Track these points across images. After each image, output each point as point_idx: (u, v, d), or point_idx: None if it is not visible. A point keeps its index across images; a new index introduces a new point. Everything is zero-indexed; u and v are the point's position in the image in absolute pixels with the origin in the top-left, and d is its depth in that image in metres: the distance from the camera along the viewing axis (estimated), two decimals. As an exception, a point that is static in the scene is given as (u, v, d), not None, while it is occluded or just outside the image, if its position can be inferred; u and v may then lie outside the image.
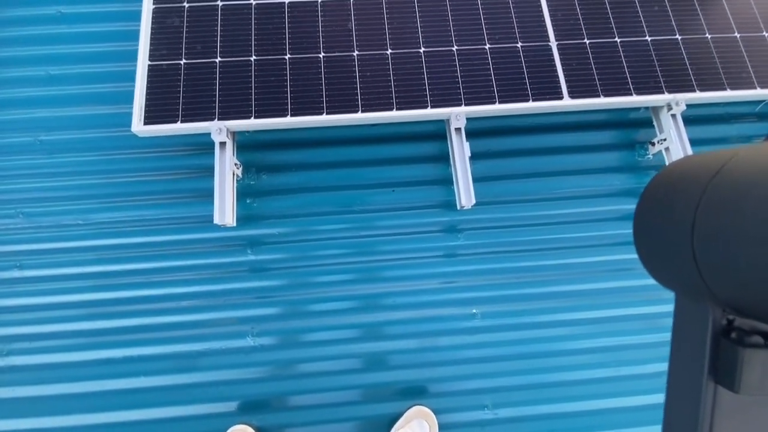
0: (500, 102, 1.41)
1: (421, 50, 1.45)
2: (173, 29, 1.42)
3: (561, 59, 1.47)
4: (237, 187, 1.45)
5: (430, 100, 1.40)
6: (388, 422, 1.40)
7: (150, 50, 1.39)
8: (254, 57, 1.41)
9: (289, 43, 1.43)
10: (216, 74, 1.39)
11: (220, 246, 1.48)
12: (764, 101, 1.60)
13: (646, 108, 1.57)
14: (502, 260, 1.51)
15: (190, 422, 1.38)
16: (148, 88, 1.36)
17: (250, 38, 1.43)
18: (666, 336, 1.47)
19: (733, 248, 0.30)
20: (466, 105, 1.40)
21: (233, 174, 1.38)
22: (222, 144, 1.35)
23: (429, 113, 1.40)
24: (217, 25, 1.44)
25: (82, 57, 1.60)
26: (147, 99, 1.35)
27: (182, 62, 1.39)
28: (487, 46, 1.47)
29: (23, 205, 1.48)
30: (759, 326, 0.34)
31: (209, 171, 1.48)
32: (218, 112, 1.35)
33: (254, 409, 1.39)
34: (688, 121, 1.48)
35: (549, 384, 1.44)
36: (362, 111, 1.37)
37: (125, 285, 1.44)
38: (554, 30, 1.50)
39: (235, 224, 1.36)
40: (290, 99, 1.37)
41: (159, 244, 1.47)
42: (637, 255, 0.45)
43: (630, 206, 1.58)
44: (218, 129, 1.32)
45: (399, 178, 1.55)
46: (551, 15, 1.52)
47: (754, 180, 0.30)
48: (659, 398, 1.46)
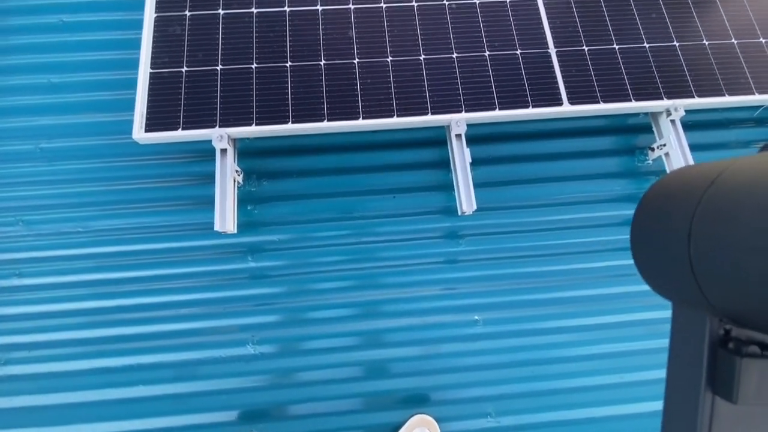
0: (500, 108, 1.41)
1: (421, 57, 1.46)
2: (175, 37, 1.43)
3: (560, 66, 1.48)
4: (238, 194, 1.45)
5: (431, 107, 1.41)
6: (390, 431, 1.38)
7: (151, 58, 1.40)
8: (255, 65, 1.42)
9: (290, 51, 1.44)
10: (217, 82, 1.39)
11: (221, 253, 1.48)
12: (762, 106, 1.61)
13: (645, 114, 1.58)
14: (504, 266, 1.51)
15: (190, 432, 1.36)
16: (150, 96, 1.36)
17: (252, 46, 1.44)
18: (667, 342, 1.46)
19: (730, 258, 0.31)
20: (467, 111, 1.41)
21: (234, 181, 1.38)
22: (223, 151, 1.35)
23: (429, 120, 1.40)
24: (219, 33, 1.45)
25: (84, 65, 1.60)
26: (148, 106, 1.35)
27: (183, 70, 1.40)
28: (487, 53, 1.48)
29: (23, 213, 1.48)
30: (756, 336, 0.34)
31: (209, 178, 1.48)
32: (219, 119, 1.35)
33: (255, 418, 1.38)
34: (687, 127, 1.49)
35: (552, 391, 1.43)
36: (363, 118, 1.38)
37: (125, 293, 1.43)
38: (553, 37, 1.51)
39: (236, 231, 1.36)
40: (291, 106, 1.38)
41: (159, 252, 1.47)
42: (635, 265, 0.45)
43: (630, 211, 1.57)
44: (219, 136, 1.33)
45: (400, 185, 1.55)
46: (550, 22, 1.53)
47: (749, 190, 0.30)
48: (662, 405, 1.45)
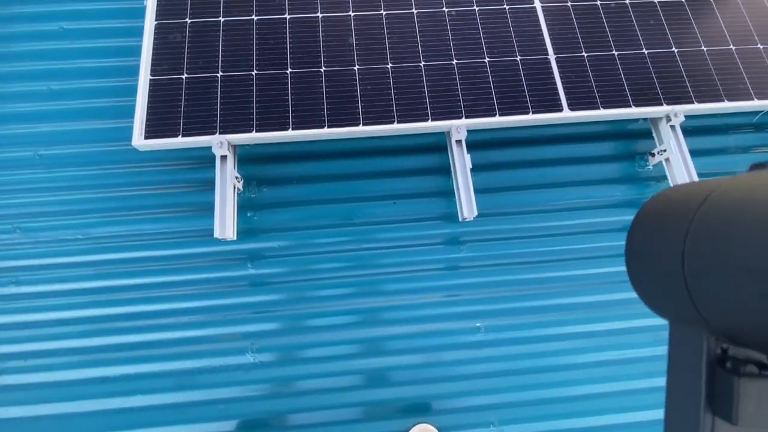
0: (500, 114, 1.42)
1: (421, 64, 1.47)
2: (175, 44, 1.43)
3: (560, 72, 1.48)
4: (238, 201, 1.45)
5: (431, 113, 1.41)
6: (392, 440, 1.36)
7: (152, 65, 1.40)
8: (256, 71, 1.42)
9: (291, 58, 1.44)
10: (217, 88, 1.39)
11: (220, 260, 1.47)
12: (761, 112, 1.62)
13: (645, 119, 1.58)
14: (506, 272, 1.50)
15: (188, 442, 1.34)
16: (150, 103, 1.36)
17: (252, 53, 1.44)
18: (672, 348, 1.45)
19: (724, 277, 0.30)
20: (467, 117, 1.41)
21: (234, 187, 1.37)
22: (223, 158, 1.34)
23: (430, 126, 1.40)
24: (219, 41, 1.45)
25: (84, 72, 1.60)
26: (148, 113, 1.35)
27: (184, 77, 1.40)
28: (487, 60, 1.49)
29: (21, 220, 1.47)
30: (753, 355, 0.34)
31: (209, 184, 1.47)
32: (219, 126, 1.35)
33: (255, 428, 1.36)
34: (687, 132, 1.49)
35: (556, 399, 1.41)
36: (363, 124, 1.37)
37: (123, 301, 1.42)
38: (552, 43, 1.52)
39: (236, 238, 1.35)
40: (291, 112, 1.38)
41: (158, 259, 1.46)
42: (631, 283, 0.45)
43: (632, 217, 1.57)
44: (219, 143, 1.32)
45: (400, 191, 1.55)
46: (549, 29, 1.54)
47: (740, 209, 0.30)
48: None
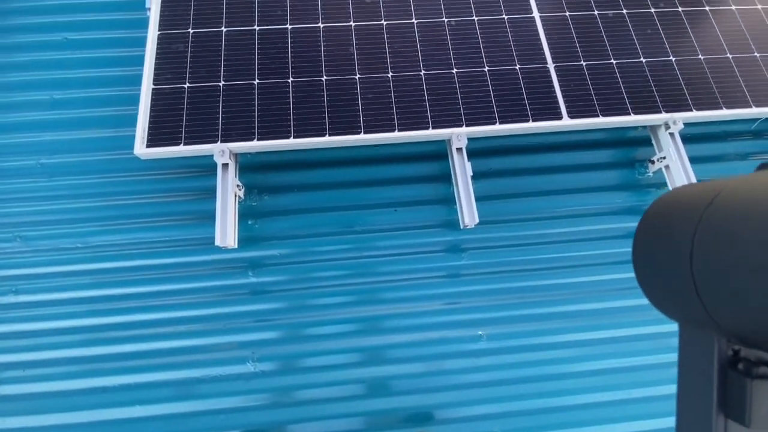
0: (501, 122, 1.42)
1: (422, 73, 1.48)
2: (178, 54, 1.45)
3: (559, 80, 1.49)
4: (239, 209, 1.45)
5: (431, 121, 1.41)
6: (394, 451, 1.35)
7: (154, 74, 1.41)
8: (257, 80, 1.43)
9: (292, 67, 1.45)
10: (219, 97, 1.40)
11: (221, 268, 1.46)
12: (760, 119, 1.63)
13: (644, 127, 1.59)
14: (507, 280, 1.49)
15: (187, 454, 1.32)
16: (152, 112, 1.37)
17: (254, 62, 1.45)
18: (676, 356, 1.43)
19: (734, 276, 0.30)
20: (467, 125, 1.42)
21: (235, 195, 1.38)
22: (224, 166, 1.35)
23: (430, 134, 1.41)
24: (221, 50, 1.46)
25: (86, 81, 1.61)
26: (150, 122, 1.36)
27: (186, 86, 1.41)
28: (486, 69, 1.50)
29: (21, 229, 1.46)
30: (766, 356, 0.33)
31: (210, 193, 1.47)
32: (221, 135, 1.36)
33: (254, 439, 1.34)
34: (686, 140, 1.50)
35: (559, 408, 1.40)
36: (364, 132, 1.38)
37: (123, 309, 1.41)
38: (551, 53, 1.53)
39: (237, 246, 1.34)
40: (293, 121, 1.38)
41: (158, 267, 1.45)
42: (639, 286, 0.45)
43: (633, 224, 1.57)
44: (221, 151, 1.33)
45: (401, 198, 1.55)
46: (548, 38, 1.55)
47: (749, 209, 0.30)
48: (673, 421, 1.42)
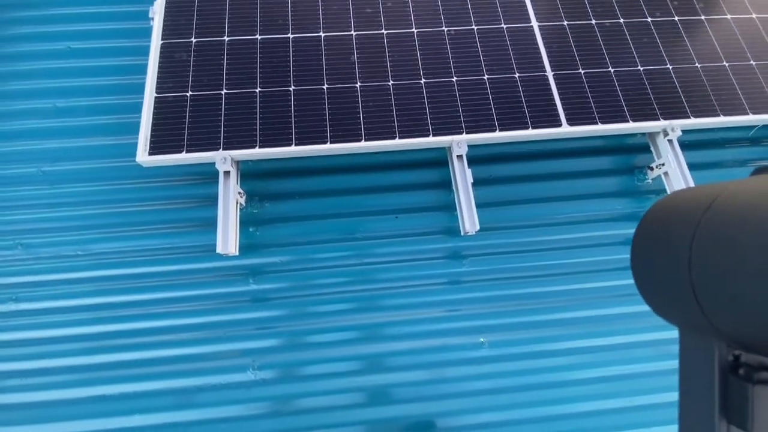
0: (500, 130, 1.43)
1: (422, 81, 1.49)
2: (180, 63, 1.46)
3: (558, 88, 1.51)
4: (240, 216, 1.45)
5: (432, 129, 1.42)
6: (395, 460, 1.34)
7: (157, 83, 1.42)
8: (259, 89, 1.44)
9: (294, 76, 1.47)
10: (221, 105, 1.41)
11: (222, 275, 1.46)
12: (757, 126, 1.64)
13: (643, 134, 1.60)
14: (509, 287, 1.49)
15: (187, 463, 1.31)
16: (154, 119, 1.38)
17: (256, 71, 1.47)
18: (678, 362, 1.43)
19: (733, 281, 0.30)
20: (467, 133, 1.43)
21: (237, 203, 1.38)
22: (226, 173, 1.35)
23: (431, 141, 1.42)
24: (224, 59, 1.48)
25: (89, 90, 1.62)
26: (152, 130, 1.37)
27: (188, 94, 1.42)
28: (486, 77, 1.51)
29: (22, 236, 1.46)
30: (767, 362, 0.33)
31: (212, 200, 1.48)
32: (223, 142, 1.36)
33: (255, 448, 1.33)
34: (684, 146, 1.51)
35: (562, 416, 1.39)
36: (365, 139, 1.39)
37: (123, 317, 1.41)
38: (550, 61, 1.55)
39: (238, 253, 1.35)
40: (295, 128, 1.39)
41: (159, 275, 1.45)
42: (638, 291, 0.45)
43: (632, 230, 1.57)
44: (223, 158, 1.33)
45: (402, 205, 1.55)
46: (546, 47, 1.57)
47: (748, 213, 0.30)
48: (676, 429, 1.41)
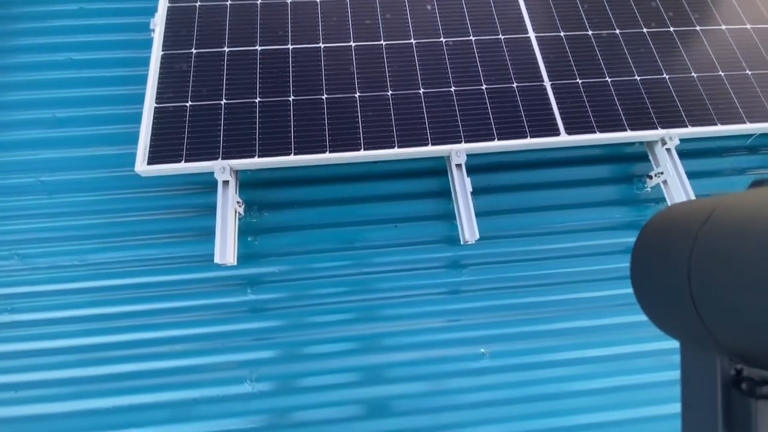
0: (499, 139, 1.44)
1: (421, 91, 1.50)
2: (181, 73, 1.47)
3: (555, 98, 1.52)
4: (239, 225, 1.44)
5: (431, 138, 1.43)
6: (395, 475, 1.30)
7: (157, 93, 1.43)
8: (259, 98, 1.45)
9: (293, 86, 1.48)
10: (221, 115, 1.42)
11: (220, 286, 1.45)
12: (754, 134, 1.65)
13: (641, 143, 1.61)
14: (509, 296, 1.48)
15: (182, 479, 1.28)
16: (154, 129, 1.38)
17: (255, 81, 1.47)
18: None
19: (732, 294, 0.30)
20: (466, 142, 1.43)
21: (235, 212, 1.37)
22: (225, 183, 1.35)
23: (430, 150, 1.42)
24: (223, 70, 1.49)
25: (89, 100, 1.63)
26: (152, 139, 1.37)
27: (188, 104, 1.43)
28: (484, 87, 1.52)
29: (19, 247, 1.45)
30: None
31: (210, 209, 1.47)
32: (222, 152, 1.36)
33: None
34: (682, 155, 1.51)
35: (564, 429, 1.36)
36: (364, 149, 1.39)
37: (119, 328, 1.39)
38: (547, 71, 1.56)
39: (236, 263, 1.33)
40: (294, 138, 1.40)
41: (156, 285, 1.43)
42: (639, 304, 0.45)
43: (633, 239, 1.57)
44: (222, 168, 1.33)
45: (401, 214, 1.55)
46: (543, 57, 1.59)
47: (745, 226, 0.30)
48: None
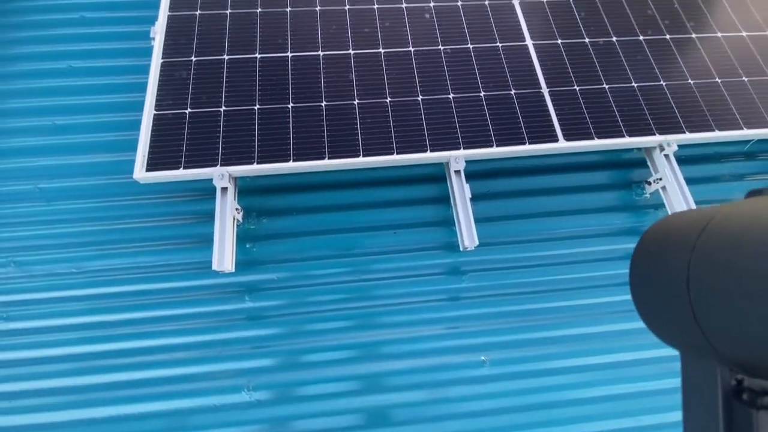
0: (498, 145, 1.44)
1: (419, 98, 1.51)
2: (180, 81, 1.47)
3: (554, 104, 1.53)
4: (237, 232, 1.44)
5: (429, 145, 1.43)
6: (395, 486, 1.28)
7: (156, 100, 1.44)
8: (258, 106, 1.45)
9: (292, 93, 1.48)
10: (220, 122, 1.42)
11: (218, 293, 1.44)
12: (752, 140, 1.66)
13: (639, 149, 1.62)
14: (509, 303, 1.47)
15: (178, 491, 1.25)
16: (153, 136, 1.38)
17: (255, 89, 1.48)
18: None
19: (730, 304, 0.30)
20: (465, 148, 1.43)
21: (234, 219, 1.37)
22: (223, 189, 1.35)
23: (429, 157, 1.42)
24: (223, 77, 1.49)
25: (89, 107, 1.64)
26: (150, 146, 1.37)
27: (187, 111, 1.43)
28: (482, 94, 1.53)
29: (16, 254, 1.44)
30: None
31: (208, 216, 1.47)
32: (221, 159, 1.36)
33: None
34: (681, 161, 1.52)
35: (567, 438, 1.35)
36: (363, 155, 1.39)
37: (116, 336, 1.37)
38: (545, 78, 1.57)
39: (234, 270, 1.32)
40: (293, 145, 1.40)
41: (154, 292, 1.42)
42: (639, 315, 0.45)
43: (632, 245, 1.57)
44: (220, 175, 1.33)
45: (400, 221, 1.54)
46: (541, 65, 1.60)
47: (742, 235, 0.30)
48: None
